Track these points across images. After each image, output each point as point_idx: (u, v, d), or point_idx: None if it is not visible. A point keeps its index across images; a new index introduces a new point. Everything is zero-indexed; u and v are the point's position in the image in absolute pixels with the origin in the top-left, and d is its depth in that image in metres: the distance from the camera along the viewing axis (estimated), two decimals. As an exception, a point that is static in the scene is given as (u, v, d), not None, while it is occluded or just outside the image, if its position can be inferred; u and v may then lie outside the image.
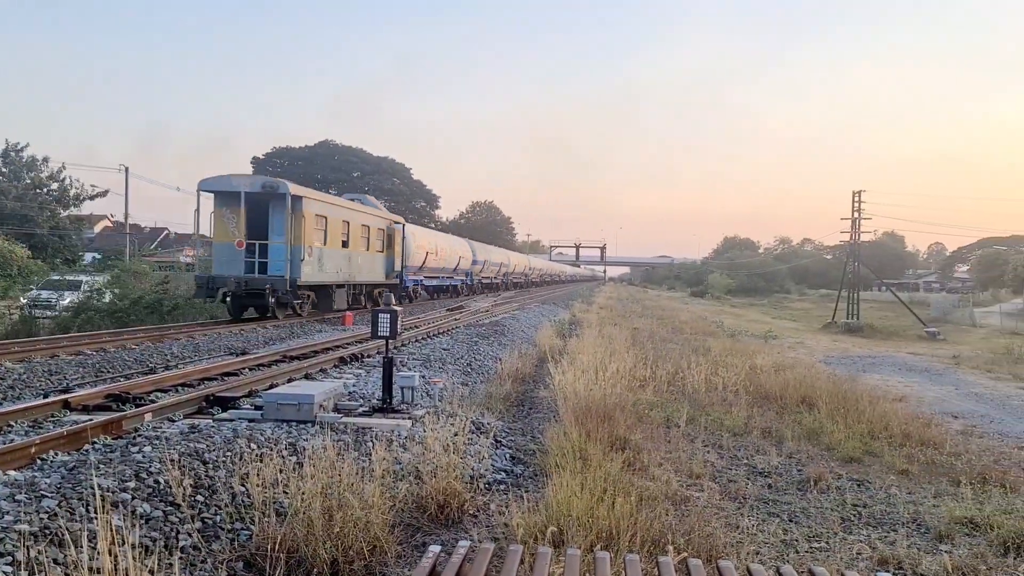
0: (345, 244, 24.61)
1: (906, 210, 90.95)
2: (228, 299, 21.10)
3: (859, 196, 46.34)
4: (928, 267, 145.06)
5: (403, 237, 30.37)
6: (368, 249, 26.99)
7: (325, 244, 22.65)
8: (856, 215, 46.56)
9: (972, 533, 6.26)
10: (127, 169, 49.56)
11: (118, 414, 8.11)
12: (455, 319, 24.42)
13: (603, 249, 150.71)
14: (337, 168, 78.70)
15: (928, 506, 6.99)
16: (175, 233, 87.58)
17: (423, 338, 18.18)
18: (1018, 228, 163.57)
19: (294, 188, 20.77)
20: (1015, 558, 5.69)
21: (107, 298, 22.85)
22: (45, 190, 46.13)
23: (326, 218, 22.80)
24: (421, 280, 34.34)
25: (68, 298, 24.50)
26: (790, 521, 6.46)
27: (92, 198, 49.16)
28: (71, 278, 28.57)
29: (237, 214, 20.42)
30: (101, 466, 5.47)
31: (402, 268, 30.30)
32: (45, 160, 46.17)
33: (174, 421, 8.07)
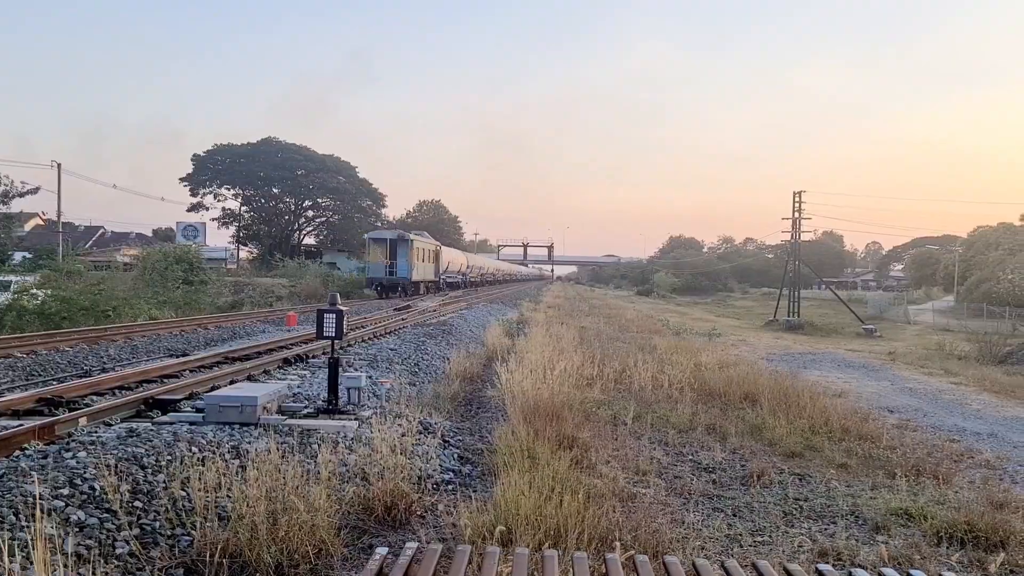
0: (423, 260, 45.40)
1: (845, 210, 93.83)
2: (378, 288, 41.99)
3: (800, 197, 47.53)
4: (865, 266, 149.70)
5: (440, 254, 51.02)
6: (429, 262, 47.41)
7: (417, 260, 43.53)
8: (797, 215, 47.74)
9: (907, 524, 6.46)
10: (59, 166, 48.08)
11: (50, 419, 7.84)
12: (402, 319, 24.26)
13: (551, 248, 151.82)
14: (280, 166, 77.28)
15: (866, 499, 7.19)
16: (111, 232, 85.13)
17: (370, 338, 18.02)
18: (949, 228, 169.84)
19: (412, 235, 43.54)
20: (947, 547, 5.91)
21: (39, 299, 22.07)
22: (-29, 187, 44.33)
23: (419, 247, 44.18)
24: (444, 279, 53.67)
25: (-3, 299, 23.56)
26: (734, 516, 6.58)
27: (22, 195, 47.53)
28: (0, 278, 27.49)
29: (383, 248, 41.95)
30: (33, 473, 5.28)
31: (439, 272, 51.06)
32: (-29, 155, 44.36)
33: (111, 425, 7.84)
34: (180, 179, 78.28)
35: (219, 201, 79.90)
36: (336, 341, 8.93)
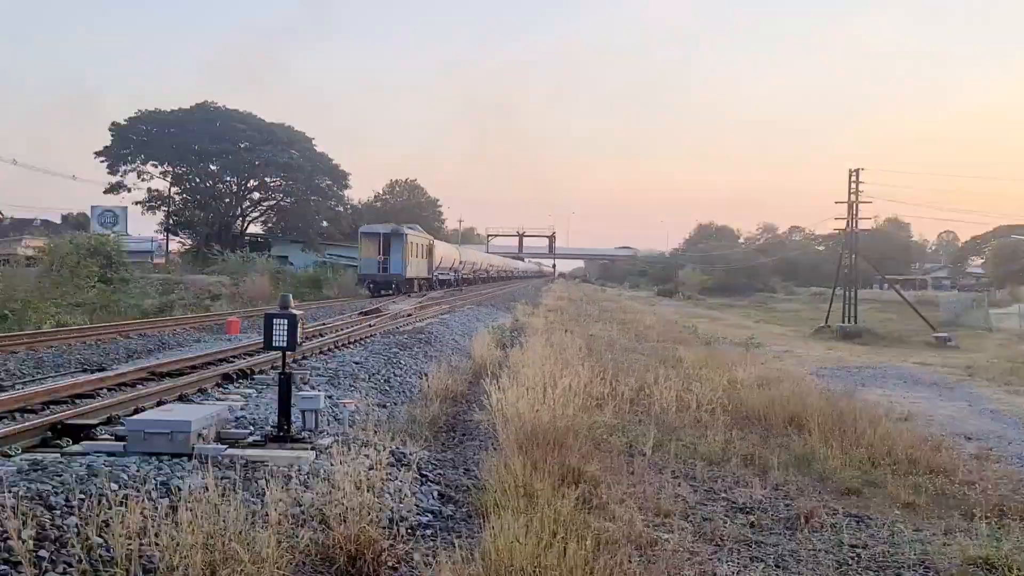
0: (417, 256, 50.67)
1: (912, 192, 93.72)
2: (371, 285, 46.64)
3: (857, 176, 47.62)
4: (938, 260, 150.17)
5: (434, 249, 56.01)
6: (422, 258, 52.82)
7: (411, 256, 48.52)
8: (853, 198, 47.86)
9: (988, 575, 6.50)
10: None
11: (-64, 449, 7.82)
12: (369, 325, 24.26)
13: (552, 238, 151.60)
14: (219, 137, 76.94)
15: (937, 545, 7.22)
16: (11, 218, 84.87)
17: (330, 349, 18.03)
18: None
19: (406, 229, 48.97)
20: (1037, 604, 5.94)
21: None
22: None
23: (413, 243, 49.37)
24: (437, 275, 58.50)
25: None
26: (777, 567, 6.60)
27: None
28: None
29: (376, 243, 46.85)
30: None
31: (432, 268, 56.02)
32: None
33: (10, 456, 7.82)
34: (96, 153, 77.91)
35: (144, 180, 79.54)
36: (288, 352, 8.93)
